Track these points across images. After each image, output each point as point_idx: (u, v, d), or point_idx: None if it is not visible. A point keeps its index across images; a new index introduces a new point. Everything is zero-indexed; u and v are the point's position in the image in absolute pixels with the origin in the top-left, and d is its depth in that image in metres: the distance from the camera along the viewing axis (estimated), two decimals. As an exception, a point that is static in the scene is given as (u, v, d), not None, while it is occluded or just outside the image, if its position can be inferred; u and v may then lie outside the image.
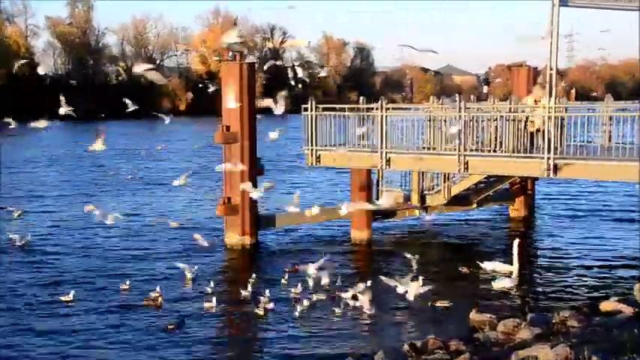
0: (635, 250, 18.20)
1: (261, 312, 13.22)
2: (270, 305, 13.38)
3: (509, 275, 15.23)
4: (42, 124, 13.03)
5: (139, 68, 10.23)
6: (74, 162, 41.90)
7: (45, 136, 57.26)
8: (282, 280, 15.14)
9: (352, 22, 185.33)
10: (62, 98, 13.46)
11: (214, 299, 13.66)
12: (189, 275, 15.39)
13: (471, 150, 16.72)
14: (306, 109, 18.62)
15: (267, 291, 13.82)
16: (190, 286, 15.21)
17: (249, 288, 14.31)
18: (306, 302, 13.44)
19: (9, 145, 43.83)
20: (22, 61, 66.65)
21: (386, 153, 17.67)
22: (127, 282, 14.99)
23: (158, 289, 14.14)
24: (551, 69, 15.62)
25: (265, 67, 66.03)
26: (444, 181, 20.18)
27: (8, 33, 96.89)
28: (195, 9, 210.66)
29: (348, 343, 11.77)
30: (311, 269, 12.75)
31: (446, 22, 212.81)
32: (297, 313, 13.09)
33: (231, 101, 17.55)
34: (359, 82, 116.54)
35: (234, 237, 18.56)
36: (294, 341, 11.93)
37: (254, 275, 15.16)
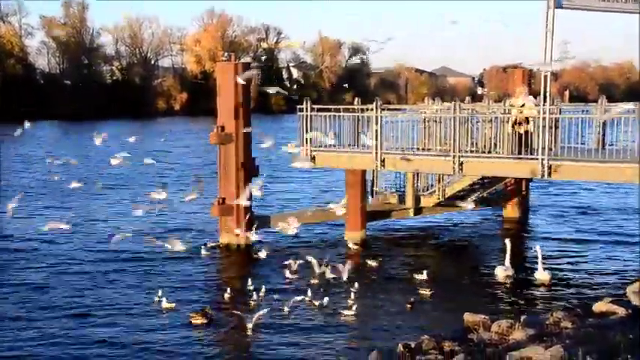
0: (628, 250, 18.26)
1: (255, 312, 13.17)
2: (264, 305, 13.34)
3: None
4: None
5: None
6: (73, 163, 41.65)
7: (39, 137, 57.16)
8: (276, 281, 15.11)
9: (347, 21, 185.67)
10: None
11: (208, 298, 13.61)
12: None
13: (466, 151, 16.73)
14: (301, 110, 18.62)
15: (260, 291, 13.79)
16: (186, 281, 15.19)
17: (243, 288, 14.28)
18: (299, 303, 13.42)
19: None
20: None
21: (381, 154, 17.68)
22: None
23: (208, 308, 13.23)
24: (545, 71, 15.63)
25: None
26: (438, 182, 20.24)
27: (2, 32, 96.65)
28: (190, 9, 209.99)
29: (342, 343, 11.77)
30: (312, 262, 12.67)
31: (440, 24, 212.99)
32: (290, 314, 13.07)
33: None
34: (354, 83, 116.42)
35: (229, 238, 18.51)
36: (288, 341, 11.89)
37: (248, 276, 15.13)
